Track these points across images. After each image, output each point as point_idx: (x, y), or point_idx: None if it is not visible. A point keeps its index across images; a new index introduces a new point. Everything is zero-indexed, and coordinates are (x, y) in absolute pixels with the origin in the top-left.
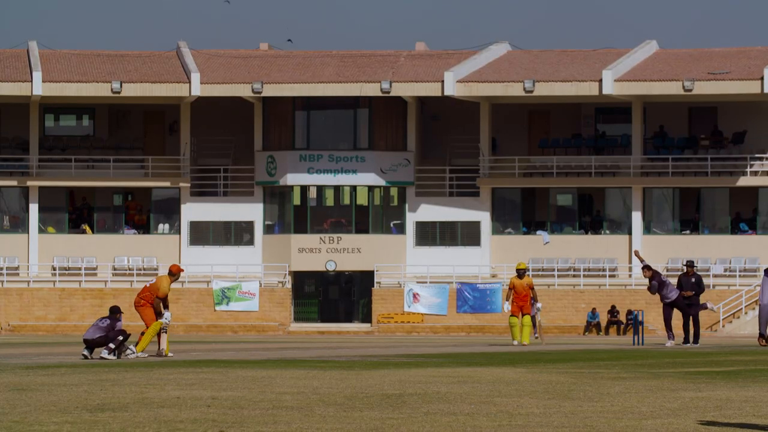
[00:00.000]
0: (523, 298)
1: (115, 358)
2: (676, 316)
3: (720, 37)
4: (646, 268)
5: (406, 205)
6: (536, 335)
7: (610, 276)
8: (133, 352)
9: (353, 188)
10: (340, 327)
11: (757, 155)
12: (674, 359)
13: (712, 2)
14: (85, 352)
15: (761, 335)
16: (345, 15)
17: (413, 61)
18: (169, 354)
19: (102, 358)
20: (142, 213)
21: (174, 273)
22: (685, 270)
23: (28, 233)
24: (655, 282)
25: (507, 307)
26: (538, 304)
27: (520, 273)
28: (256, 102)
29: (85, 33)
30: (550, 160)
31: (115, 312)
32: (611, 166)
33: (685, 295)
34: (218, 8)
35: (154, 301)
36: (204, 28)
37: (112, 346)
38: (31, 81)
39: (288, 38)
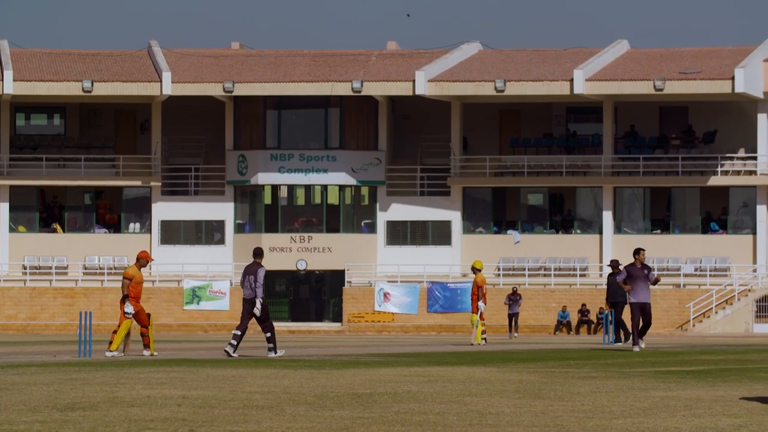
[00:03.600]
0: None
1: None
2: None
3: (691, 37)
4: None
5: (377, 205)
6: (513, 335)
7: (581, 275)
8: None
9: (324, 187)
10: (310, 326)
11: (727, 155)
12: (644, 359)
13: (683, 2)
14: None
15: None
16: (316, 14)
17: (384, 60)
18: (155, 353)
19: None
20: (112, 212)
21: (140, 259)
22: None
23: None
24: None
25: (482, 306)
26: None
27: (475, 271)
28: (228, 101)
29: (57, 32)
30: (521, 159)
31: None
32: (582, 165)
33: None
34: (189, 7)
35: (122, 283)
36: (175, 27)
37: (234, 342)
38: (2, 80)
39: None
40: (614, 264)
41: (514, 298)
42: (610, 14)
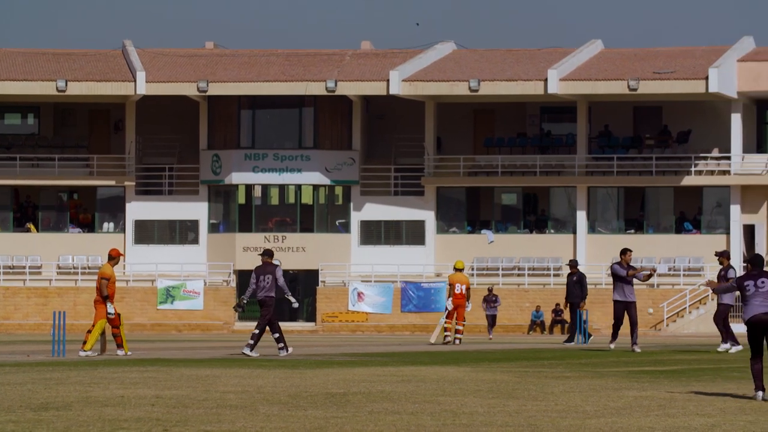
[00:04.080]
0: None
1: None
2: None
3: (665, 37)
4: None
5: (351, 204)
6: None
7: (555, 275)
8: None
9: (298, 187)
10: (284, 326)
11: (701, 155)
12: (618, 358)
13: (657, 2)
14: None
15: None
16: (291, 14)
17: (358, 60)
18: (129, 353)
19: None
20: (86, 212)
21: (113, 257)
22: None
23: None
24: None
25: (449, 305)
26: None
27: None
28: (202, 101)
29: (31, 31)
30: (495, 159)
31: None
32: (556, 165)
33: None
34: (164, 7)
35: (99, 284)
36: (150, 27)
37: (251, 342)
38: None
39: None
40: (573, 264)
41: (490, 298)
42: (584, 14)
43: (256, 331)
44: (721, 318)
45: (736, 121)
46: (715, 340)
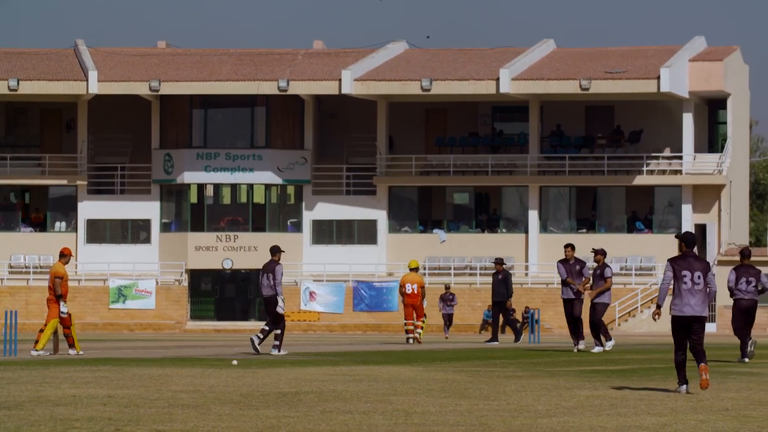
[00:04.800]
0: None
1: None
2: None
3: (617, 37)
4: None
5: (303, 204)
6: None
7: None
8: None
9: (250, 186)
10: (236, 325)
11: (653, 154)
12: (570, 358)
13: (609, 2)
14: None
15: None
16: (243, 13)
17: (311, 59)
18: (81, 352)
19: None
20: (38, 211)
21: (65, 255)
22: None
23: None
24: None
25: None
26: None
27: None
28: (154, 100)
29: None
30: (446, 158)
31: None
32: (508, 164)
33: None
34: (116, 6)
35: (53, 283)
36: (102, 26)
37: (261, 335)
38: None
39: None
40: (498, 262)
41: (447, 297)
42: (536, 14)
43: (278, 331)
44: (600, 318)
45: (688, 120)
46: (667, 339)
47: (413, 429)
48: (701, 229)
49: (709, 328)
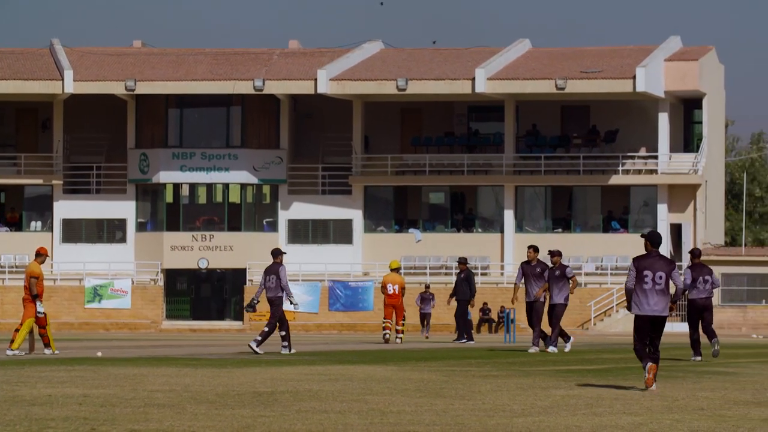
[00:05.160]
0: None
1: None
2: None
3: (593, 37)
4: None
5: (279, 203)
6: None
7: (482, 274)
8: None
9: (226, 186)
10: (212, 325)
11: (629, 154)
12: (545, 357)
13: (585, 2)
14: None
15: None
16: (219, 13)
17: (286, 59)
18: (56, 351)
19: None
20: (14, 210)
21: (41, 254)
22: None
23: None
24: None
25: None
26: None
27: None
28: (129, 99)
29: None
30: (422, 158)
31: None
32: (484, 164)
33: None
34: (92, 6)
35: (29, 282)
36: (78, 25)
37: (259, 338)
38: None
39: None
40: (462, 261)
41: (426, 296)
42: (512, 14)
43: (266, 329)
44: (559, 319)
45: (664, 120)
46: None
47: (389, 428)
48: (677, 228)
49: (684, 327)
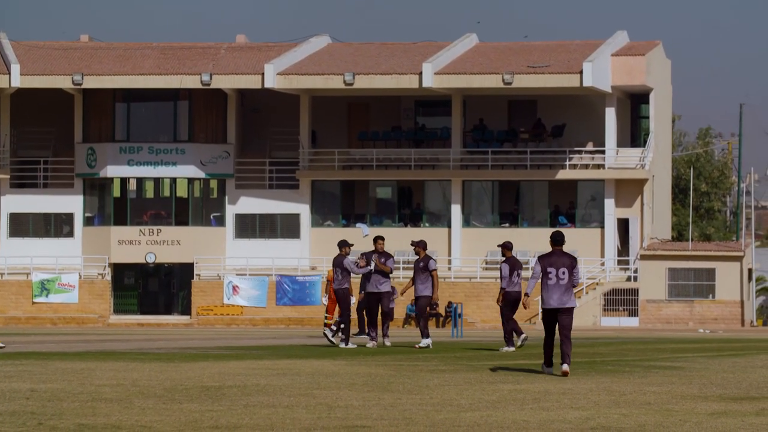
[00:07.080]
0: None
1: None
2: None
3: (540, 31)
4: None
5: (226, 198)
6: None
7: None
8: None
9: (173, 180)
10: (159, 319)
11: (576, 149)
12: (492, 352)
13: None
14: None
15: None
16: (166, 7)
17: (233, 53)
18: (3, 345)
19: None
20: None
21: None
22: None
23: None
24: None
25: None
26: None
27: None
28: (77, 94)
29: None
30: (369, 152)
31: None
32: (431, 159)
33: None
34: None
35: None
36: (24, 19)
37: (334, 328)
38: None
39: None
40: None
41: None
42: (458, 8)
43: (342, 325)
44: (423, 311)
45: (611, 115)
46: (590, 333)
47: (336, 423)
48: (624, 223)
49: (631, 322)
